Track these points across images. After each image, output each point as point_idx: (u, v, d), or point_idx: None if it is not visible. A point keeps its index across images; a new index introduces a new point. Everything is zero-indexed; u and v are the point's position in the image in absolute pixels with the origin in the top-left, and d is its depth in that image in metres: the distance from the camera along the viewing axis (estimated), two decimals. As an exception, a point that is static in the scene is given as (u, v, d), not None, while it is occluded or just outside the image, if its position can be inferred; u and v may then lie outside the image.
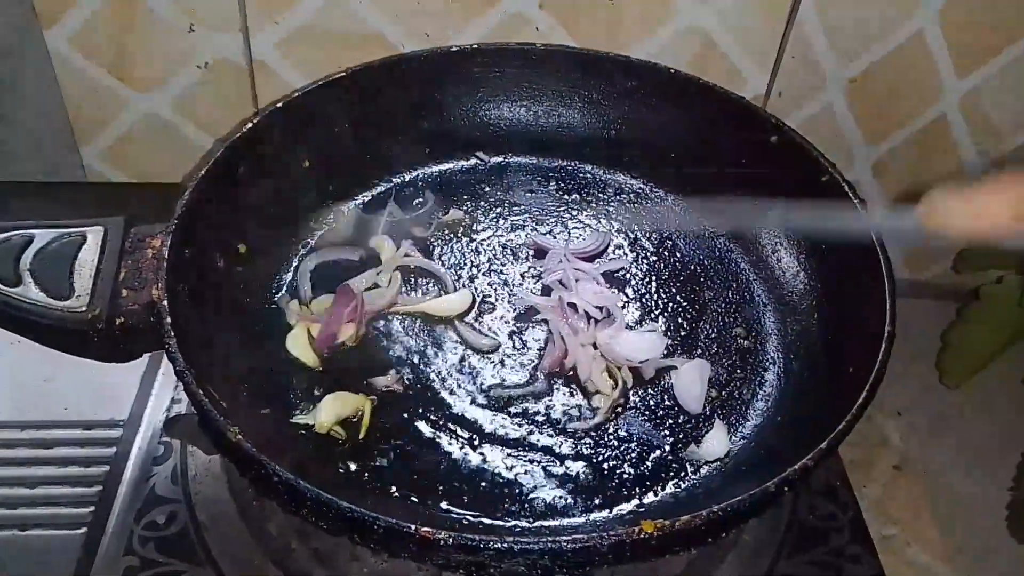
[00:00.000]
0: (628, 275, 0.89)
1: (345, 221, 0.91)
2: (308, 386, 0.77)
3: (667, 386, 0.79)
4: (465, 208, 0.94)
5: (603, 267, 0.88)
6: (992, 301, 0.97)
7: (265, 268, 0.84)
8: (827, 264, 0.85)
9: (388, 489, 0.70)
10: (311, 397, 0.75)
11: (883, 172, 1.09)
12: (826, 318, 0.82)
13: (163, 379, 0.87)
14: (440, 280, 0.86)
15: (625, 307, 0.85)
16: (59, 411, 0.86)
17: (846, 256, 0.81)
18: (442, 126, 0.97)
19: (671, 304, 0.86)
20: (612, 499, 0.71)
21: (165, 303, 0.67)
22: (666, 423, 0.76)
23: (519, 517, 0.69)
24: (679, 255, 0.91)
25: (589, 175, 0.99)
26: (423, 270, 0.87)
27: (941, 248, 1.13)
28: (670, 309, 0.85)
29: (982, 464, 0.95)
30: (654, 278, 0.88)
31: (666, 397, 0.78)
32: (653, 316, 0.85)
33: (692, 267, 0.90)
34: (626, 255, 0.91)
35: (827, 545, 0.78)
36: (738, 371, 0.81)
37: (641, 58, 0.95)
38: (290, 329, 0.81)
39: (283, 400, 0.75)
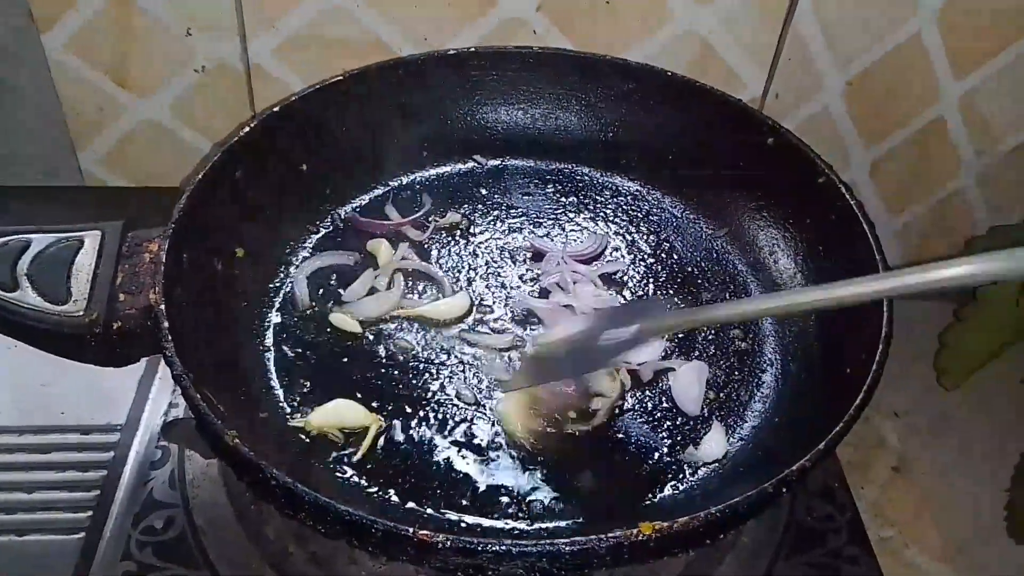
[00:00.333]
0: (626, 277, 0.89)
1: (343, 224, 0.91)
2: (307, 390, 0.77)
3: (665, 388, 0.79)
4: (463, 211, 0.94)
5: (601, 269, 0.88)
6: (990, 302, 0.97)
7: (263, 272, 0.85)
8: (825, 266, 0.85)
9: (386, 492, 0.70)
10: (309, 401, 0.76)
11: (880, 174, 1.09)
12: (823, 319, 0.82)
13: (161, 383, 0.87)
14: (438, 283, 0.86)
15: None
16: (57, 416, 0.86)
17: (843, 257, 0.81)
18: (439, 129, 0.97)
19: (669, 306, 0.86)
20: (610, 501, 0.71)
21: (162, 307, 0.67)
22: (664, 425, 0.76)
23: (517, 519, 0.69)
24: (676, 257, 0.91)
25: (587, 177, 0.99)
26: (420, 274, 0.87)
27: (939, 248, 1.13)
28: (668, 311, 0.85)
29: (980, 465, 0.95)
30: (652, 280, 0.88)
31: (664, 399, 0.78)
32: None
33: (689, 269, 0.90)
34: (624, 257, 0.91)
35: (825, 547, 0.78)
36: (736, 373, 0.81)
37: (638, 61, 0.96)
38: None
39: (281, 404, 0.75)
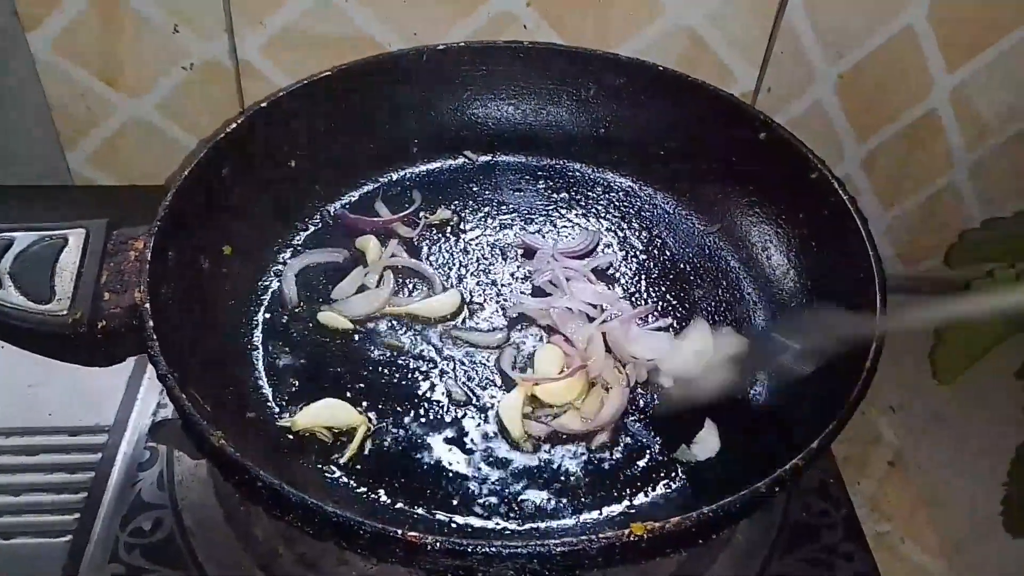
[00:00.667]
0: (617, 274, 0.88)
1: (331, 222, 0.91)
2: (295, 389, 0.76)
3: (659, 385, 0.78)
4: (453, 207, 0.93)
5: (592, 263, 0.88)
6: (984, 295, 0.96)
7: (250, 270, 0.84)
8: (817, 261, 0.84)
9: (375, 493, 0.69)
10: (297, 401, 0.75)
11: (873, 167, 1.09)
12: (816, 314, 0.81)
13: (149, 383, 0.87)
14: (429, 281, 0.86)
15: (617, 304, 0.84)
16: (44, 417, 0.85)
17: (836, 252, 0.80)
18: (429, 125, 0.97)
19: (661, 302, 0.85)
20: (602, 500, 0.70)
21: (147, 306, 0.66)
22: (657, 423, 0.76)
23: (508, 519, 0.68)
24: (669, 253, 0.90)
25: (578, 173, 0.98)
26: (410, 271, 0.87)
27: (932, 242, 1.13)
28: (660, 307, 0.85)
29: (976, 460, 0.95)
30: (644, 276, 0.88)
31: (657, 397, 0.78)
32: (657, 314, 0.84)
33: (682, 265, 0.89)
34: (615, 253, 0.90)
35: (820, 543, 0.78)
36: (729, 369, 0.80)
37: (629, 55, 0.95)
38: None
39: (269, 404, 0.75)
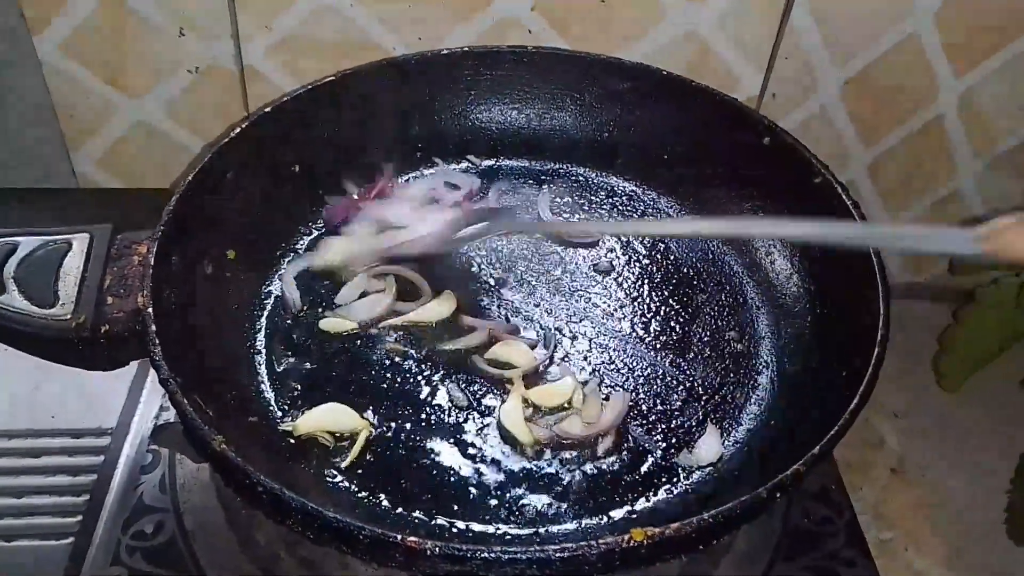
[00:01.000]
0: (620, 278, 0.88)
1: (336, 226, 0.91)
2: (297, 394, 0.76)
3: (659, 391, 0.78)
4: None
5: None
6: (988, 303, 0.96)
7: (254, 274, 0.84)
8: (821, 266, 0.84)
9: (376, 497, 0.69)
10: (300, 405, 0.75)
11: (878, 173, 1.08)
12: (820, 321, 0.81)
13: (152, 386, 0.87)
14: (418, 285, 0.85)
15: (620, 309, 0.84)
16: (47, 420, 0.85)
17: (840, 258, 0.80)
18: (433, 129, 0.97)
19: (664, 307, 0.85)
20: (603, 505, 0.70)
21: (150, 311, 0.67)
22: (658, 428, 0.76)
23: (509, 524, 0.68)
24: (672, 258, 0.90)
25: (581, 178, 0.98)
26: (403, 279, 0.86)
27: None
28: (663, 312, 0.85)
29: (980, 466, 0.94)
30: (647, 281, 0.88)
31: (658, 402, 0.77)
32: (643, 323, 0.84)
33: (685, 270, 0.89)
34: (619, 258, 0.90)
35: (822, 550, 0.78)
36: (731, 375, 0.80)
37: (633, 60, 0.95)
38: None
39: (271, 408, 0.75)
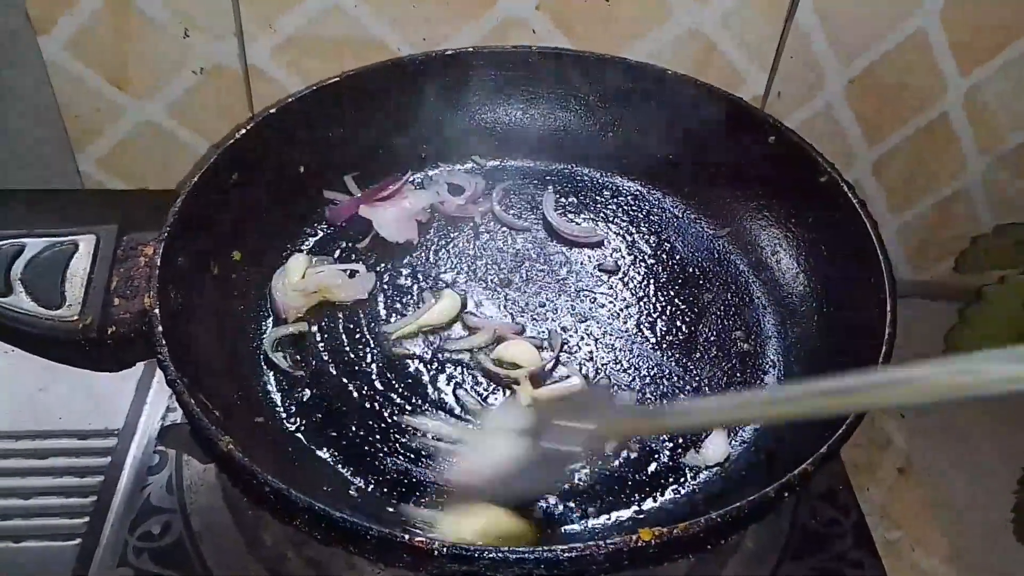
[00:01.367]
0: (626, 278, 0.88)
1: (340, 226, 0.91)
2: (303, 395, 0.76)
3: (666, 391, 0.78)
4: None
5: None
6: (995, 302, 0.95)
7: (260, 274, 0.84)
8: (827, 265, 0.84)
9: (384, 497, 0.69)
10: (306, 406, 0.75)
11: (884, 171, 1.08)
12: (827, 320, 0.81)
13: (158, 387, 0.87)
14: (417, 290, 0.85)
15: (626, 309, 0.84)
16: (54, 421, 0.85)
17: (847, 257, 0.80)
18: (438, 130, 0.97)
19: (670, 307, 0.85)
20: (610, 505, 0.70)
21: (156, 311, 0.67)
22: (665, 428, 0.75)
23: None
24: (678, 257, 0.90)
25: (587, 178, 0.98)
26: (402, 288, 0.86)
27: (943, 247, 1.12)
28: (669, 312, 0.85)
29: (987, 466, 0.94)
30: (652, 281, 0.88)
31: (665, 402, 0.77)
32: (649, 323, 0.84)
33: (691, 269, 0.89)
34: (624, 258, 0.90)
35: (830, 550, 0.78)
36: (738, 374, 0.80)
37: (638, 59, 0.95)
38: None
39: (278, 409, 0.75)
